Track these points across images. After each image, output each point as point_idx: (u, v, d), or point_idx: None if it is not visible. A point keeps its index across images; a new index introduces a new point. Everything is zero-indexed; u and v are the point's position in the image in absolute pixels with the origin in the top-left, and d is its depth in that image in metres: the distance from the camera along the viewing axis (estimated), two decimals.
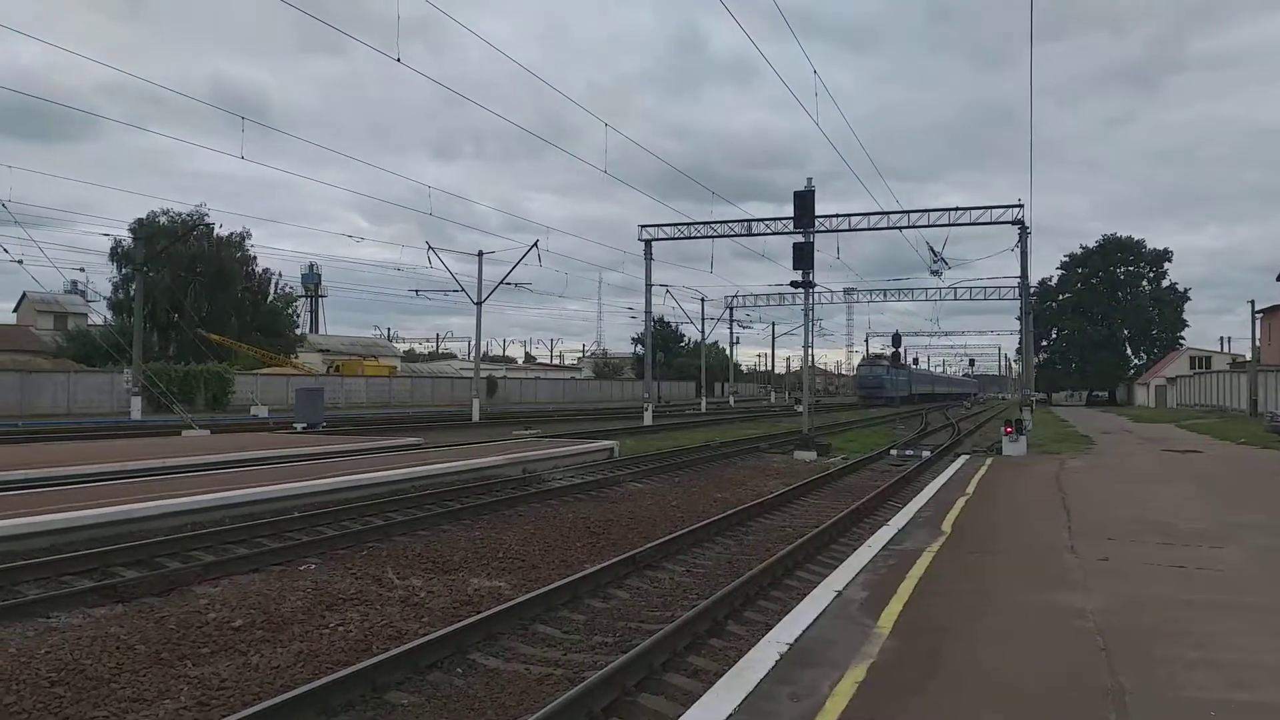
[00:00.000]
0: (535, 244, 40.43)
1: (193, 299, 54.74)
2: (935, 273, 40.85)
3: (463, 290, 44.88)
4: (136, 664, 6.28)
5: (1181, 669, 5.21)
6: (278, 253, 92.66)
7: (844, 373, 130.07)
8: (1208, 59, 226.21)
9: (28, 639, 6.84)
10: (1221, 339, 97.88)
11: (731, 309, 63.79)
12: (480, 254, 44.19)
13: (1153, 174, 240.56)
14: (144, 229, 52.70)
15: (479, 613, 7.36)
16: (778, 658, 5.35)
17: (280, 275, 66.42)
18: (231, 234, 59.90)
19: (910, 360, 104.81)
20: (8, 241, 38.40)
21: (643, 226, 42.83)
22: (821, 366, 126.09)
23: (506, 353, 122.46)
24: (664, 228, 43.46)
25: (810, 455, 23.82)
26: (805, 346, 28.86)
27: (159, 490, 12.43)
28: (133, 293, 44.86)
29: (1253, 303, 53.28)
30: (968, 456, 22.30)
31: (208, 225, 56.47)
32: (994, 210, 37.56)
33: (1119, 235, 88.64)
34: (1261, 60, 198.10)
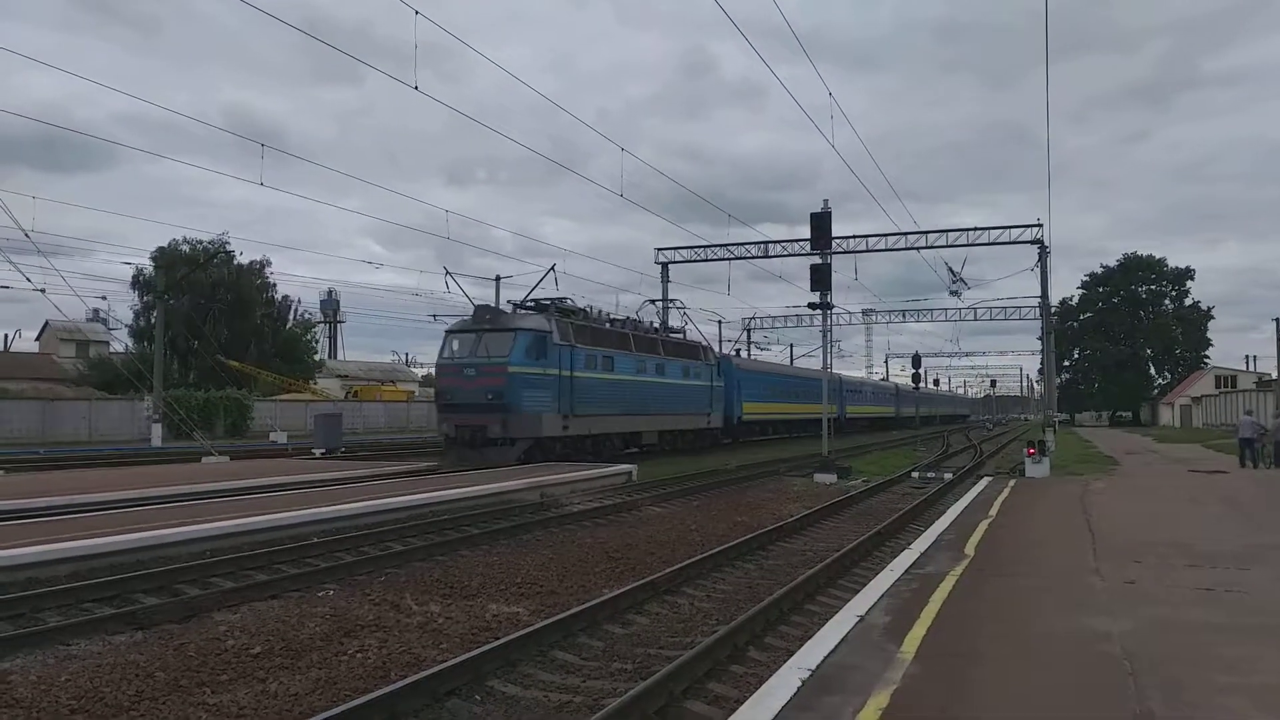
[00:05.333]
0: (553, 267, 40.46)
1: (212, 326, 55.21)
2: (954, 293, 40.91)
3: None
4: (156, 691, 6.28)
5: (1211, 693, 5.11)
6: (297, 279, 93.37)
7: None
8: (1221, 76, 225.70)
9: (48, 666, 6.85)
10: (1247, 357, 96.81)
11: (749, 330, 63.70)
12: (498, 278, 44.39)
13: (1169, 191, 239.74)
14: (165, 257, 53.37)
15: (497, 639, 7.32)
16: (799, 684, 5.29)
17: (299, 302, 67.00)
18: (252, 262, 60.49)
19: (930, 381, 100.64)
20: (31, 271, 39.13)
21: (659, 250, 43.03)
22: None
23: None
24: (680, 250, 43.67)
25: (830, 478, 23.65)
26: (824, 367, 28.77)
27: (179, 517, 12.47)
28: (154, 320, 45.36)
29: (1278, 320, 52.82)
30: (990, 479, 22.11)
31: (228, 253, 57.09)
32: (1013, 230, 37.54)
33: (1139, 254, 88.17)
34: (1275, 77, 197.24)
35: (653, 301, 37.69)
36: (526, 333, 24.40)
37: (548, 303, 27.36)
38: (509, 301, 27.44)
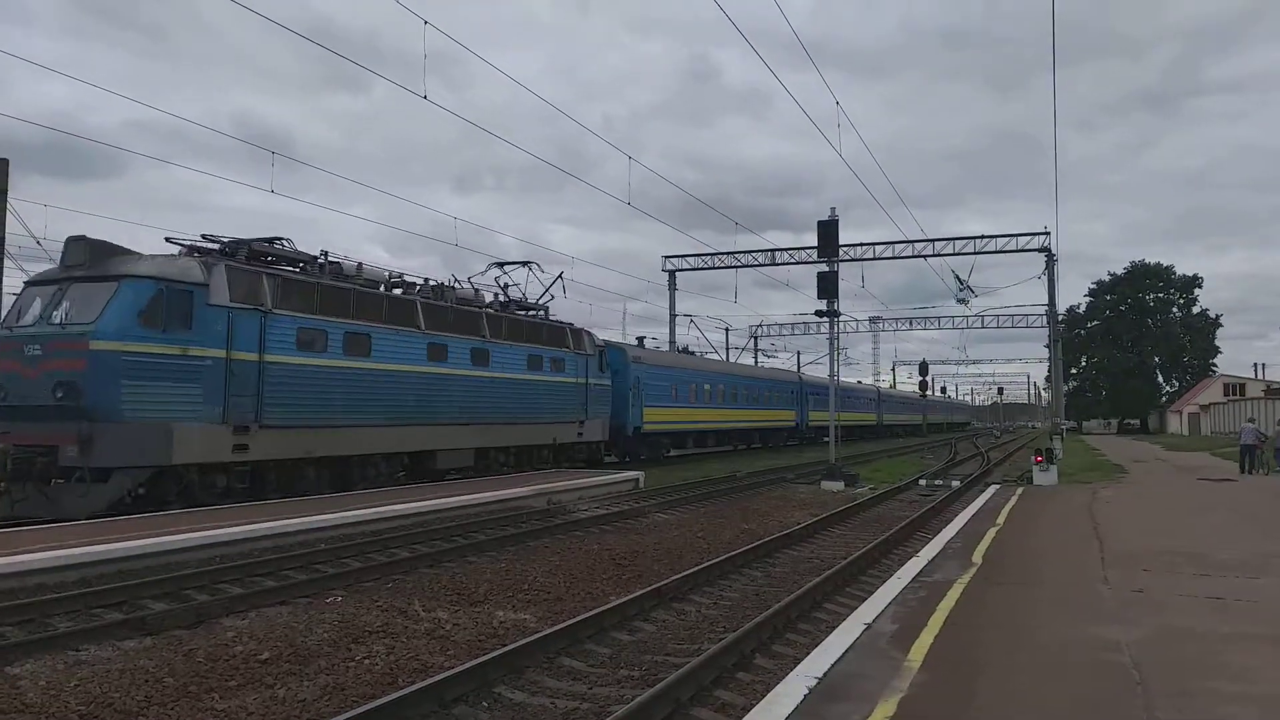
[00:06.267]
0: (560, 275, 40.66)
1: None
2: (962, 301, 40.91)
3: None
4: (164, 697, 6.30)
5: (1219, 702, 5.10)
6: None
7: None
8: (1227, 82, 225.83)
9: (58, 672, 6.88)
10: (1255, 365, 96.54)
11: (756, 338, 63.78)
12: (505, 286, 44.49)
13: (1175, 198, 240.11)
14: None
15: (504, 646, 7.33)
16: (806, 692, 5.29)
17: None
18: None
19: (937, 389, 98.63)
20: None
21: (666, 257, 43.15)
22: None
23: None
24: (688, 258, 43.74)
25: (837, 485, 23.63)
26: (831, 375, 28.76)
27: (188, 523, 12.50)
28: None
29: None
30: (998, 486, 22.05)
31: None
32: (1020, 238, 37.56)
33: (1147, 261, 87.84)
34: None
35: (501, 265, 25.91)
36: (142, 283, 14.30)
37: (229, 244, 16.53)
38: (167, 239, 16.36)
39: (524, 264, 26.04)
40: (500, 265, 25.87)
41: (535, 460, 24.50)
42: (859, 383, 75.66)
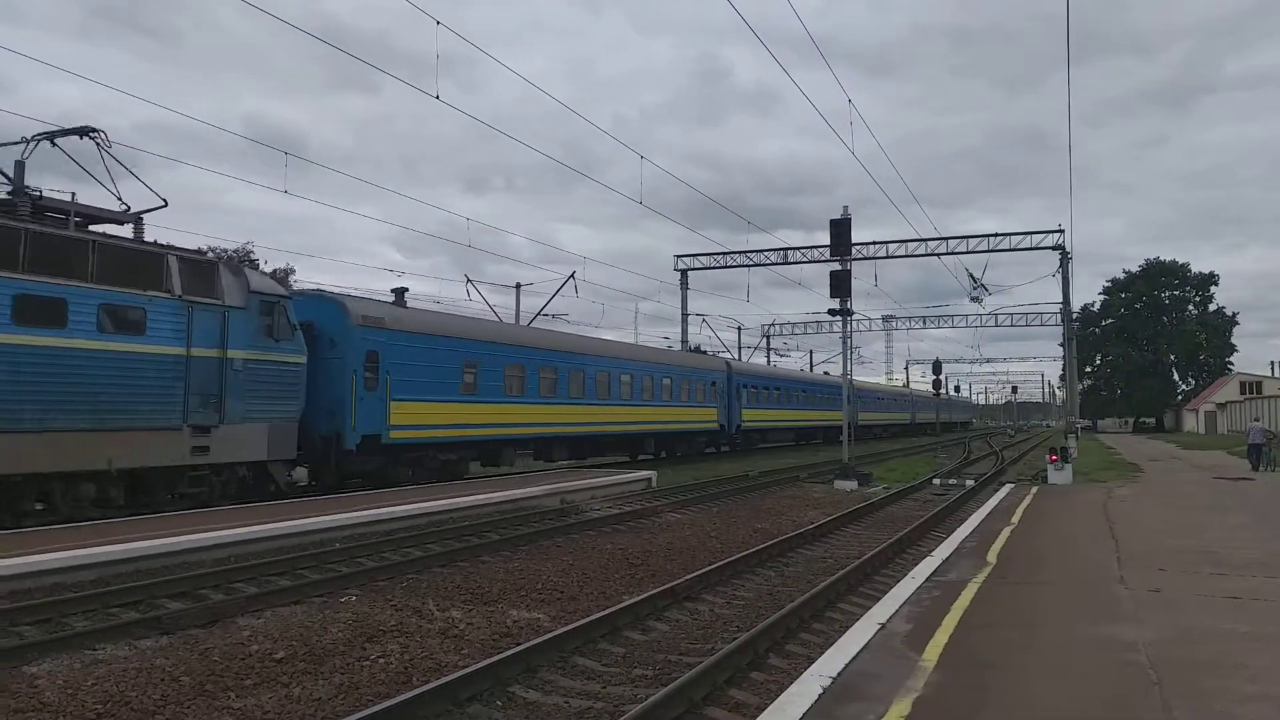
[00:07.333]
0: (572, 275, 40.68)
1: None
2: (975, 299, 40.75)
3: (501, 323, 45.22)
4: (181, 696, 6.33)
5: (1236, 703, 5.06)
6: (319, 288, 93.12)
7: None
8: (1240, 79, 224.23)
9: (75, 671, 6.93)
10: (1272, 363, 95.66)
11: (768, 337, 63.65)
12: (518, 286, 44.56)
13: (1189, 196, 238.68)
14: None
15: (518, 645, 7.34)
16: (820, 691, 5.27)
17: None
18: (275, 270, 60.84)
19: (951, 388, 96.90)
20: None
21: (678, 256, 43.16)
22: None
23: None
24: (699, 257, 43.74)
25: (851, 485, 23.58)
26: (844, 374, 28.69)
27: (202, 523, 12.57)
28: None
29: None
30: (1012, 485, 21.96)
31: (252, 262, 57.51)
32: (1034, 236, 37.42)
33: (1162, 259, 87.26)
34: None
35: (49, 137, 14.98)
36: None
37: None
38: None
39: (84, 132, 15.11)
40: (49, 139, 14.99)
41: (67, 502, 13.21)
42: (826, 374, 61.97)
